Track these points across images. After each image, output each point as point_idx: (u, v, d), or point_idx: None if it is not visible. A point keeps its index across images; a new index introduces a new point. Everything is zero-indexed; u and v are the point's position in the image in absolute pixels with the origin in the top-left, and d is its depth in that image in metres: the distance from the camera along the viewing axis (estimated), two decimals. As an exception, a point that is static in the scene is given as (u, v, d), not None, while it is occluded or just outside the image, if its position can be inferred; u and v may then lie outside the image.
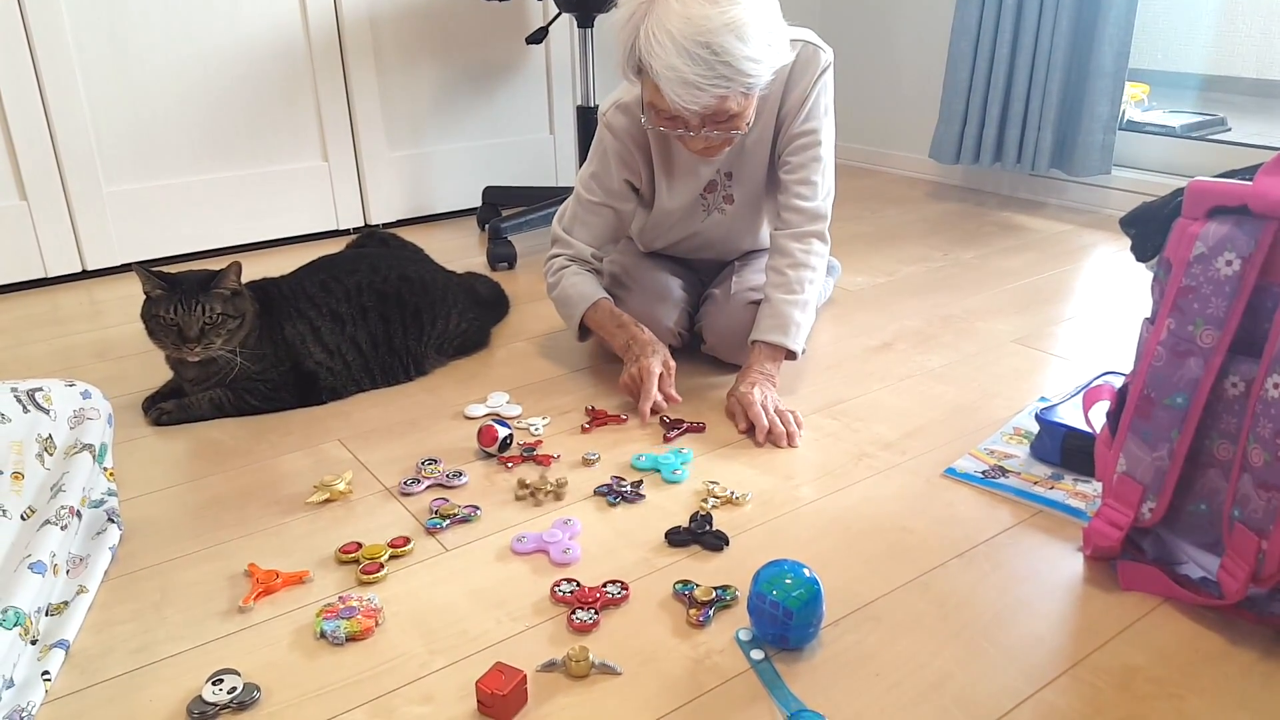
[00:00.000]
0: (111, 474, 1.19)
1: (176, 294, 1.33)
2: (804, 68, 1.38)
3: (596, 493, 1.21)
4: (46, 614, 0.95)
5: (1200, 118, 2.60)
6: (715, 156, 1.38)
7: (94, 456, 1.10)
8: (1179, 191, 0.96)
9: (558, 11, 2.20)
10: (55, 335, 1.78)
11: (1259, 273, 0.89)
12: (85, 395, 1.15)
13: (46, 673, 0.88)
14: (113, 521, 1.11)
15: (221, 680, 0.88)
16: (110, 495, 1.15)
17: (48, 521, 0.99)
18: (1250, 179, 0.90)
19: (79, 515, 1.05)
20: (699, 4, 1.18)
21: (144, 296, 1.36)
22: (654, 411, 1.37)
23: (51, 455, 1.08)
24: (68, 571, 1.02)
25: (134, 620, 0.98)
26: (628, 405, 1.43)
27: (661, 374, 1.39)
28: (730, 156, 1.46)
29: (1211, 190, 0.92)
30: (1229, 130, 2.60)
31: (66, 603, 0.98)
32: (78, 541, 1.06)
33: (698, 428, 1.37)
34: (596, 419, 1.40)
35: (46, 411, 1.08)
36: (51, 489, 1.04)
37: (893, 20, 2.89)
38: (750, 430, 1.34)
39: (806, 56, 1.38)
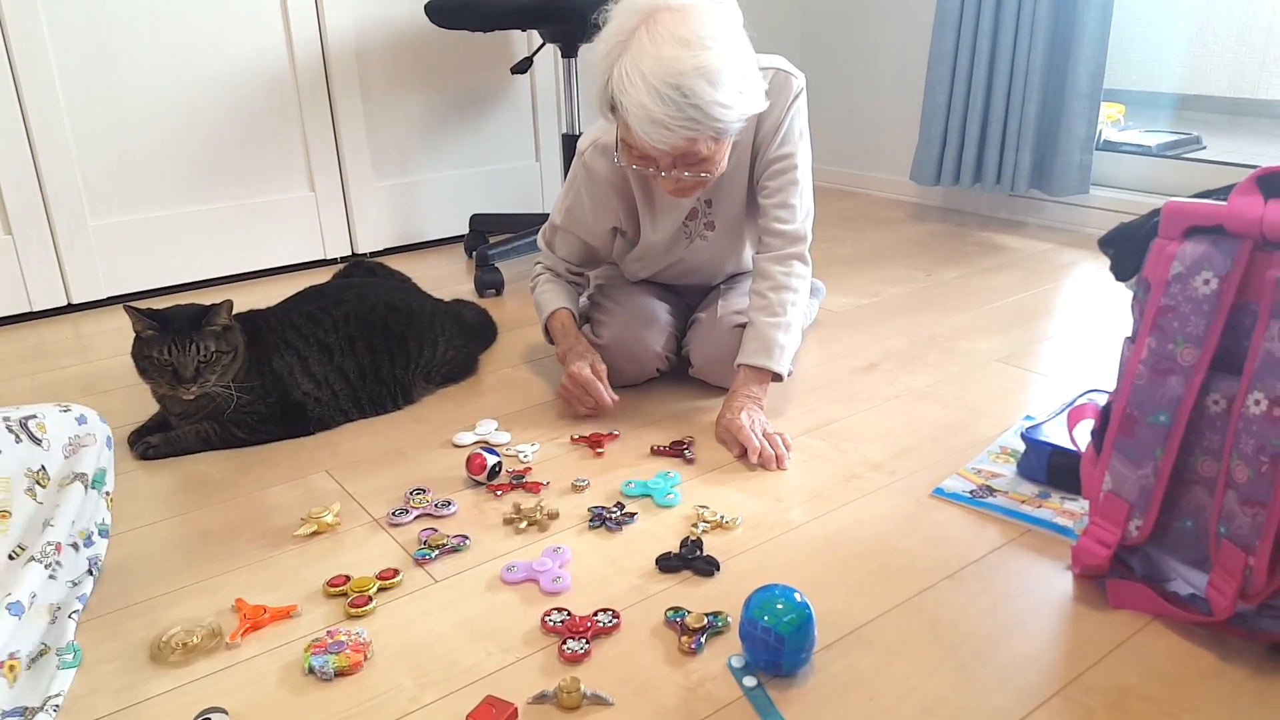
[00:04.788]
0: (111, 500, 1.17)
1: (169, 333, 1.32)
2: (777, 94, 1.40)
3: (590, 525, 1.20)
4: (36, 659, 0.94)
5: (1175, 136, 2.64)
6: (687, 197, 1.39)
7: (86, 486, 1.09)
8: (1156, 212, 0.97)
9: (542, 42, 2.22)
10: (40, 370, 1.77)
11: (1236, 291, 0.90)
12: (81, 420, 1.13)
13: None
14: (91, 574, 1.08)
15: (209, 719, 0.87)
16: (102, 534, 1.13)
17: (33, 559, 0.98)
18: (1225, 199, 0.92)
19: (75, 547, 1.04)
20: (672, 46, 1.19)
21: (133, 334, 1.35)
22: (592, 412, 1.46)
23: (45, 488, 1.06)
24: (52, 622, 0.99)
25: (119, 659, 0.97)
26: (620, 428, 1.44)
27: (588, 383, 1.45)
28: (710, 184, 1.47)
29: (1187, 210, 0.93)
30: (1204, 148, 2.64)
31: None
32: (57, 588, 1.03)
33: (687, 457, 1.37)
34: (590, 439, 1.41)
35: (39, 442, 1.07)
36: (43, 524, 1.03)
37: (872, 44, 2.93)
38: (744, 454, 1.34)
39: (779, 83, 1.40)
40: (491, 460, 1.28)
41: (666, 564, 1.10)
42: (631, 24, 1.22)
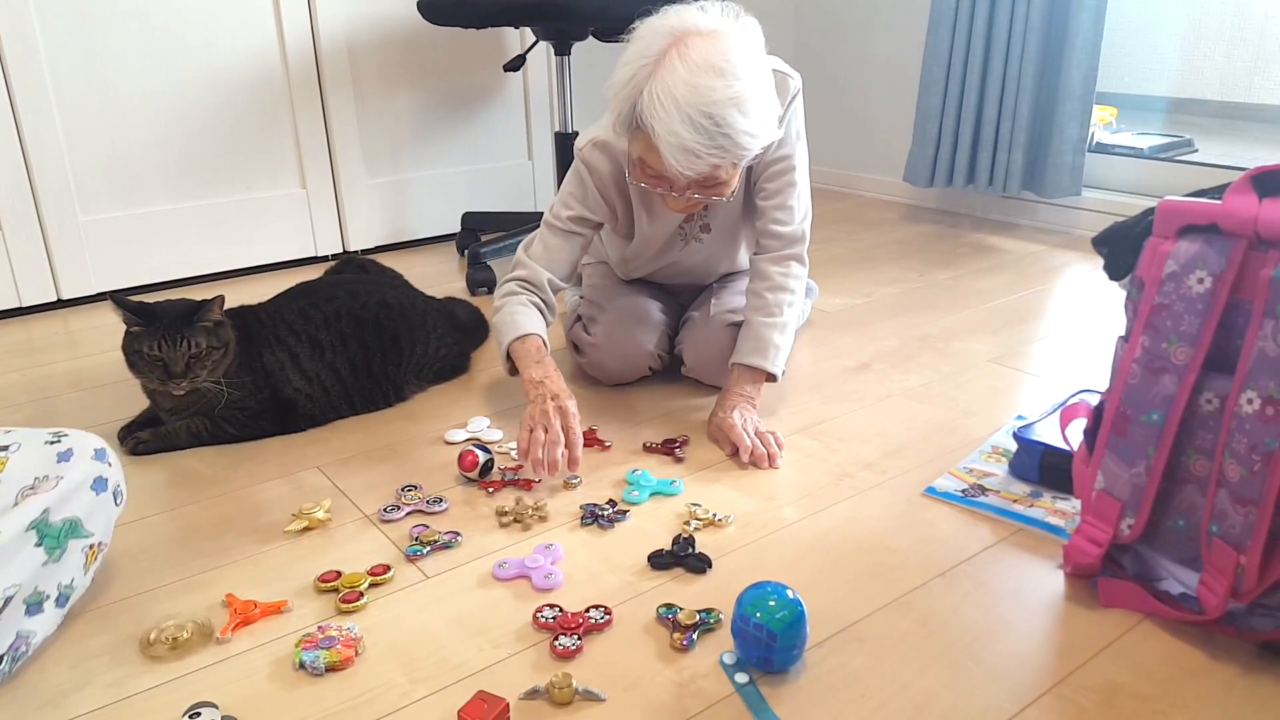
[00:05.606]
0: (95, 554, 0.99)
1: (158, 329, 1.31)
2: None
3: (582, 522, 1.20)
4: None
5: (1167, 139, 2.65)
6: (691, 212, 1.38)
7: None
8: (1150, 211, 0.97)
9: (535, 39, 2.22)
10: (29, 365, 1.75)
11: (1230, 290, 0.90)
12: (63, 457, 0.95)
13: None
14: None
15: (199, 713, 0.86)
16: (59, 603, 0.95)
17: None
18: (1219, 198, 0.92)
19: None
20: (706, 75, 1.18)
21: (124, 328, 1.34)
22: (553, 467, 1.25)
23: None
24: None
25: (109, 653, 0.96)
26: (612, 427, 1.43)
27: (571, 428, 1.29)
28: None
29: (1182, 209, 0.94)
30: (1195, 151, 2.65)
31: None
32: None
33: (678, 456, 1.37)
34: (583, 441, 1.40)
35: None
36: None
37: (866, 47, 2.94)
38: (736, 453, 1.34)
39: (776, 84, 1.40)
40: (483, 457, 1.28)
41: (659, 561, 1.10)
42: (660, 46, 1.21)
